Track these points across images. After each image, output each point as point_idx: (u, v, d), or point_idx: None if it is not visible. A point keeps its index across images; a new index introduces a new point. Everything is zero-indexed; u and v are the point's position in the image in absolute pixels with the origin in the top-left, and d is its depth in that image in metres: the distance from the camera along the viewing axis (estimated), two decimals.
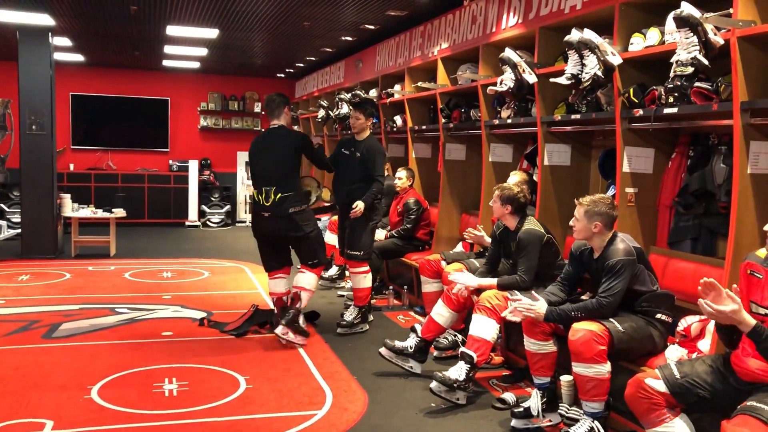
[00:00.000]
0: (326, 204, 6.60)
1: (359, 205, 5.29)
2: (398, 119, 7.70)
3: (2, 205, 10.92)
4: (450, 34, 6.40)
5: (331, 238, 7.51)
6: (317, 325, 5.60)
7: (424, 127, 7.10)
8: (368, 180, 5.42)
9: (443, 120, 6.41)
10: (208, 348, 4.92)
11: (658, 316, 3.50)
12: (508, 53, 4.89)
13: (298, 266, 5.31)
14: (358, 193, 5.38)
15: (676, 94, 3.60)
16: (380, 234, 6.59)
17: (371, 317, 5.74)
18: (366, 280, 5.54)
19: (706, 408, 2.82)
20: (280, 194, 4.97)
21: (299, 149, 5.18)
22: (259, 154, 5.20)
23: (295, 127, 12.92)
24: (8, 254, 8.71)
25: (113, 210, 9.09)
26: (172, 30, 8.51)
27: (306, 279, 5.21)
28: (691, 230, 4.06)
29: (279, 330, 4.94)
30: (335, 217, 7.00)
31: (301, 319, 5.10)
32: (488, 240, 4.84)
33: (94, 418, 3.61)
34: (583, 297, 3.82)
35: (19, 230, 9.23)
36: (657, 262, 3.94)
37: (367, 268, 5.55)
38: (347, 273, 6.26)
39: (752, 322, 2.54)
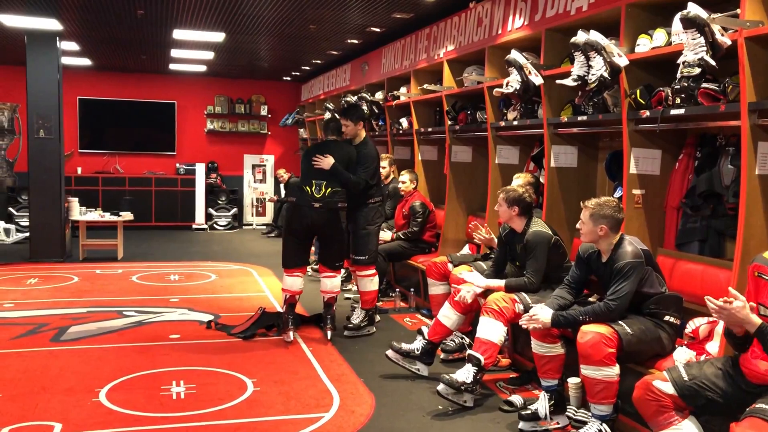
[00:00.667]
0: None
1: (329, 159, 5.29)
2: (404, 121, 7.70)
3: (11, 209, 10.97)
4: (456, 36, 6.40)
5: None
6: (323, 328, 5.60)
7: (430, 129, 7.10)
8: (366, 186, 5.44)
9: (449, 122, 6.41)
10: (216, 351, 4.92)
11: (667, 318, 3.48)
12: (514, 55, 4.89)
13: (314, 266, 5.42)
14: (354, 198, 5.41)
15: (683, 95, 3.58)
16: (386, 235, 6.59)
17: (378, 318, 5.74)
18: (373, 283, 5.55)
19: (715, 410, 2.81)
20: (330, 188, 5.22)
21: (351, 160, 5.41)
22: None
23: (301, 130, 12.98)
24: (17, 258, 8.75)
25: (120, 213, 9.12)
26: (178, 34, 8.54)
27: (336, 283, 5.50)
28: (698, 232, 4.04)
29: (329, 333, 5.29)
30: None
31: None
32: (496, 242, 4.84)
33: (102, 421, 3.62)
34: (591, 299, 3.82)
35: (27, 234, 9.27)
36: (665, 264, 3.92)
37: (373, 271, 5.56)
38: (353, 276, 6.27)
39: (758, 321, 2.53)
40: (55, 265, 8.32)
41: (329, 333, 5.29)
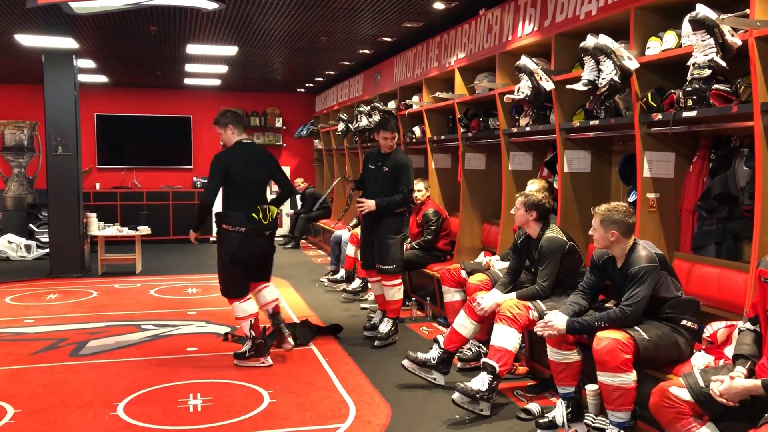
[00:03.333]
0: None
1: (370, 202, 5.33)
2: (417, 130, 7.71)
3: (31, 226, 11.11)
4: (466, 44, 6.40)
5: (351, 251, 7.53)
6: (340, 338, 5.60)
7: (443, 137, 7.10)
8: (396, 194, 5.42)
9: (462, 130, 6.41)
10: (232, 363, 4.94)
11: (684, 322, 3.44)
12: (525, 61, 4.88)
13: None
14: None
15: (694, 97, 3.56)
16: None
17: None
18: (399, 292, 5.57)
19: (734, 417, 2.76)
20: (274, 210, 5.00)
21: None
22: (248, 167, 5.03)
23: (316, 141, 13.03)
24: (38, 274, 8.85)
25: (138, 228, 9.21)
26: (192, 49, 8.64)
27: (272, 290, 5.25)
28: (714, 235, 4.00)
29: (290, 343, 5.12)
30: (357, 230, 7.02)
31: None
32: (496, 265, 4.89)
33: None
34: (607, 305, 3.78)
35: (47, 250, 9.39)
36: (681, 268, 3.88)
37: (399, 280, 5.57)
38: (369, 285, 6.26)
39: (757, 383, 2.53)
40: (74, 281, 8.41)
41: (290, 343, 5.11)
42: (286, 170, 13.42)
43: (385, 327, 5.50)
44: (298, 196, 12.04)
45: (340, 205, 10.50)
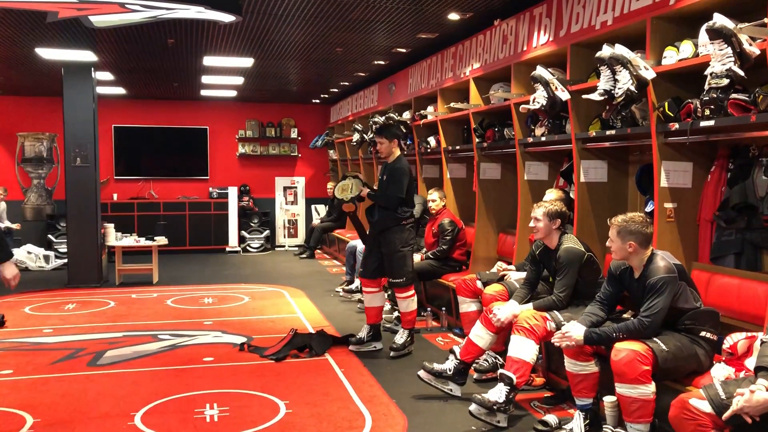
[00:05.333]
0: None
1: (364, 189, 5.61)
2: (432, 140, 7.72)
3: (50, 236, 11.24)
4: (481, 54, 6.41)
5: None
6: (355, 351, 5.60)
7: (458, 147, 7.11)
8: (401, 201, 5.44)
9: (477, 140, 6.41)
10: (248, 373, 4.95)
11: (703, 333, 3.41)
12: (540, 71, 4.88)
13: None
14: (386, 218, 5.42)
15: (712, 107, 3.54)
16: (416, 257, 6.58)
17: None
18: (413, 303, 5.58)
19: (756, 430, 2.72)
20: None
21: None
22: None
23: (331, 152, 13.09)
24: (56, 284, 8.94)
25: (155, 238, 9.29)
26: (208, 60, 8.72)
27: None
28: (733, 245, 3.96)
29: None
30: None
31: None
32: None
33: None
34: (625, 315, 3.75)
35: (65, 260, 9.49)
36: (699, 279, 3.85)
37: (412, 291, 5.56)
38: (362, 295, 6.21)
39: None
40: (92, 291, 8.48)
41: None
42: (301, 180, 13.58)
43: (400, 338, 5.49)
44: (314, 208, 12.09)
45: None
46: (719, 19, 3.32)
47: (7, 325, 6.49)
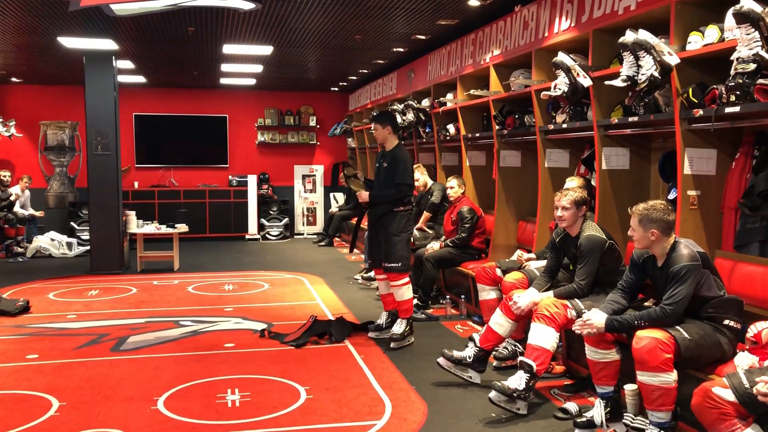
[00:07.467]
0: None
1: (363, 194, 5.50)
2: (451, 128, 7.69)
3: (72, 224, 11.38)
4: (502, 41, 6.36)
5: None
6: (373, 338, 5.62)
7: (477, 134, 7.07)
8: (410, 187, 5.46)
9: (497, 127, 6.37)
10: (269, 359, 4.99)
11: (726, 322, 3.37)
12: (562, 57, 4.84)
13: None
14: (384, 206, 5.42)
15: (738, 93, 3.48)
16: (435, 245, 6.58)
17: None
18: (408, 291, 5.49)
19: None
20: None
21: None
22: None
23: (349, 140, 13.10)
24: (79, 270, 9.06)
25: (176, 225, 9.37)
26: (228, 48, 8.74)
27: None
28: (758, 232, 3.91)
29: None
30: None
31: None
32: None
33: (160, 428, 3.72)
34: (646, 303, 3.73)
35: (88, 247, 9.60)
36: (723, 267, 3.80)
37: (407, 279, 5.48)
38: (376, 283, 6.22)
39: None
40: (114, 277, 8.59)
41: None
42: (320, 168, 13.60)
43: (399, 328, 5.40)
44: (341, 193, 12.23)
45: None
46: (747, 3, 3.26)
47: (32, 311, 6.60)
